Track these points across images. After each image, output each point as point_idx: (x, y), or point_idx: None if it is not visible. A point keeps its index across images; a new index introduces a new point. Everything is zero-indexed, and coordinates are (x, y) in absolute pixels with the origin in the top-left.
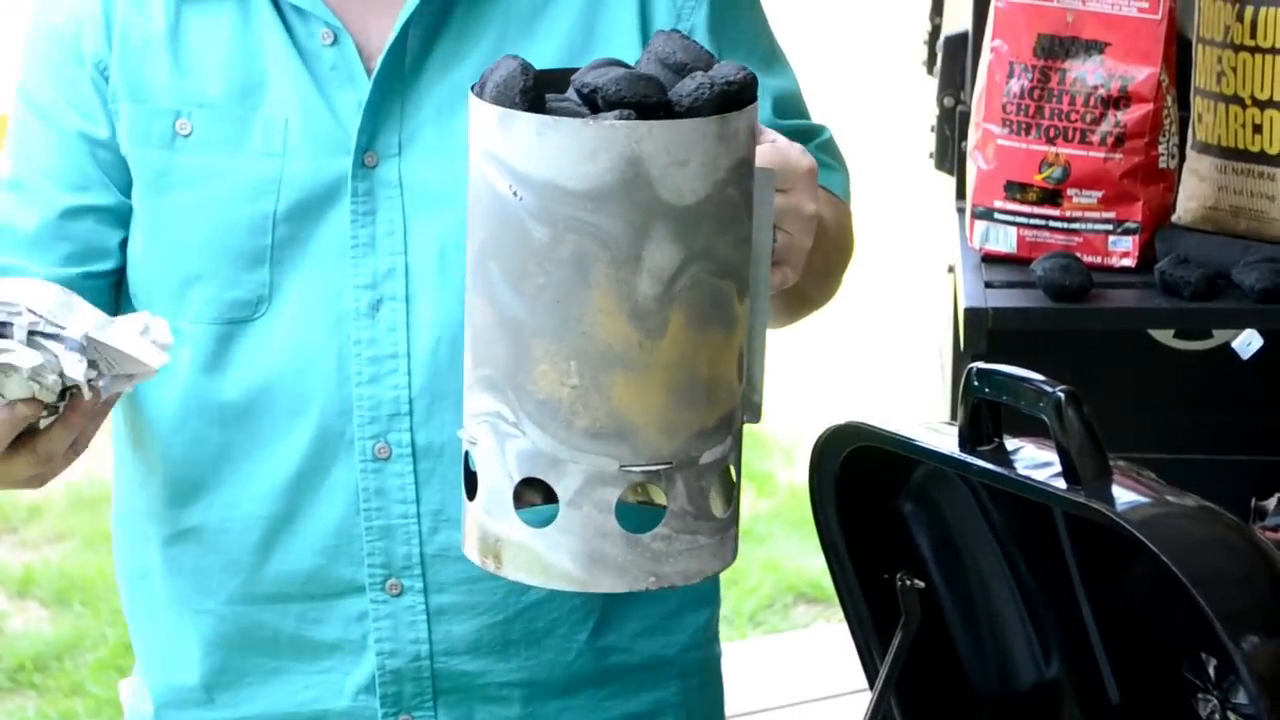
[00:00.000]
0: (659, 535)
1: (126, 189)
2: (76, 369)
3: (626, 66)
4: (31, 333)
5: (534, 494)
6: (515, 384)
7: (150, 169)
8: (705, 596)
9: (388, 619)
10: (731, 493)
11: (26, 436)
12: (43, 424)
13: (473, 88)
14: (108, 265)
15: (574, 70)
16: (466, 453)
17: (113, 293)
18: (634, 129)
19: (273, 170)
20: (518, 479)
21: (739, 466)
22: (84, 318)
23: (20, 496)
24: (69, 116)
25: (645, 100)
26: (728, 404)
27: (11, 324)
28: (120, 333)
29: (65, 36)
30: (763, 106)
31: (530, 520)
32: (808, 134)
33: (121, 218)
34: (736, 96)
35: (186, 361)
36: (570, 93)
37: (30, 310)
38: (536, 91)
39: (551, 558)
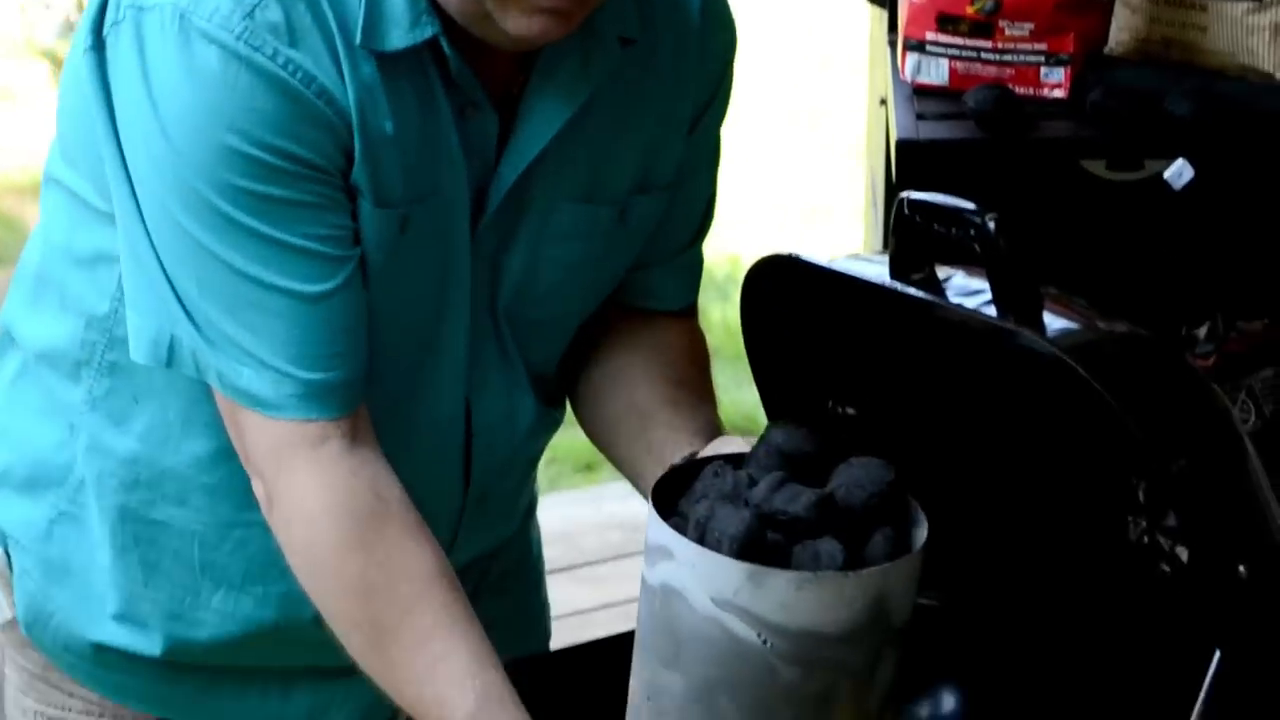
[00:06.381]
0: None
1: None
2: None
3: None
4: None
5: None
6: None
7: (370, 268)
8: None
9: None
10: None
11: None
12: None
13: (684, 531)
14: None
15: (704, 460)
16: None
17: None
18: (886, 573)
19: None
20: None
21: None
22: None
23: None
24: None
25: (848, 522)
26: None
27: None
28: None
29: (299, 93)
30: (699, 204)
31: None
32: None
33: None
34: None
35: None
36: (749, 512)
37: None
38: (771, 540)
39: None
